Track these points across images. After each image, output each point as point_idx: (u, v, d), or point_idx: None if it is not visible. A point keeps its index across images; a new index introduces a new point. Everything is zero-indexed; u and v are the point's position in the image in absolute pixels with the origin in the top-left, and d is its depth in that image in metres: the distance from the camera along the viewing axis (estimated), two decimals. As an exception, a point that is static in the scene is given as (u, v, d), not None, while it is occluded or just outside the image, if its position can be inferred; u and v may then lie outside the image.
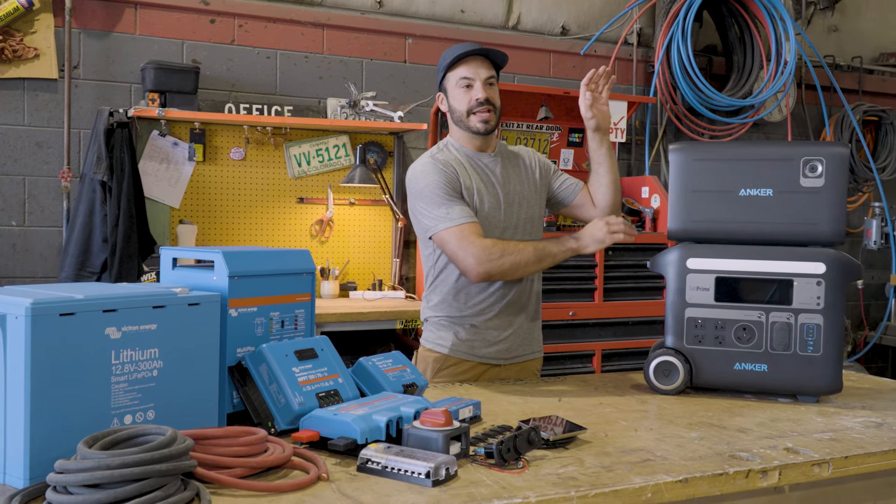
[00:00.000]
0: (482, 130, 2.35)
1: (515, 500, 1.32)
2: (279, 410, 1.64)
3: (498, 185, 2.39)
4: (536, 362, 2.56)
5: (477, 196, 2.33)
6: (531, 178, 2.48)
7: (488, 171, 2.40)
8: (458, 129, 2.40)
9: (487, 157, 2.41)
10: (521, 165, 2.48)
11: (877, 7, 5.76)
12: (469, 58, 2.34)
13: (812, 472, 1.59)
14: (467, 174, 2.36)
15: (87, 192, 3.41)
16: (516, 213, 2.40)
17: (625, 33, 4.77)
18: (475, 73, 2.33)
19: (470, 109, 2.34)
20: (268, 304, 1.78)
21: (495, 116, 2.37)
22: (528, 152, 2.54)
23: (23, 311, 1.29)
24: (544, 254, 2.26)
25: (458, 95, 2.35)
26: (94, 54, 3.59)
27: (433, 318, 2.45)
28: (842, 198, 2.08)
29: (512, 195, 2.40)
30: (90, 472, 1.17)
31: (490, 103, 2.34)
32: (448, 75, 2.37)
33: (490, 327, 2.39)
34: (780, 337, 2.09)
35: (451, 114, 2.41)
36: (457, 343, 2.39)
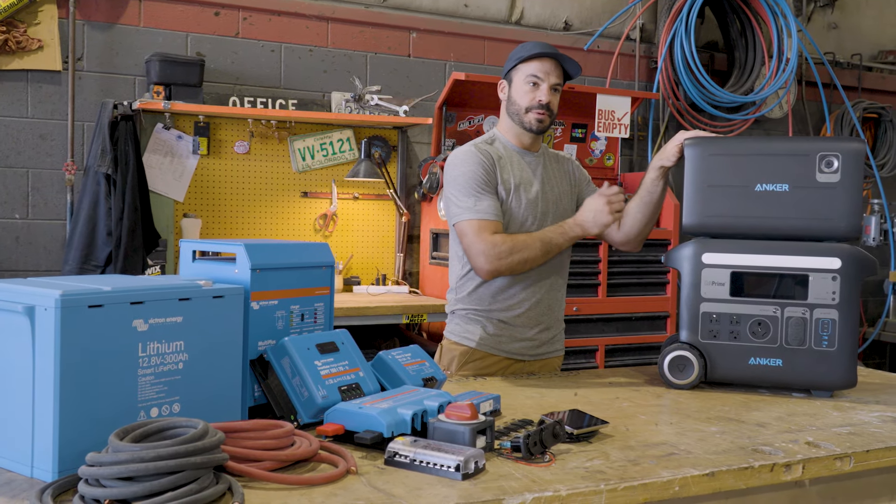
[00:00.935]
0: (535, 129, 2.39)
1: (547, 494, 1.32)
2: (302, 404, 1.63)
3: (539, 182, 2.42)
4: (558, 359, 2.59)
5: (514, 192, 2.36)
6: (569, 180, 2.54)
7: (531, 168, 2.43)
8: (510, 121, 2.43)
9: (531, 156, 2.45)
10: (562, 168, 2.54)
11: (876, 5, 5.78)
12: (545, 58, 2.36)
13: (835, 465, 1.60)
14: (509, 169, 2.38)
15: (92, 184, 3.38)
16: (553, 211, 2.43)
17: (627, 29, 4.77)
18: (546, 75, 2.36)
19: (530, 107, 2.36)
20: (288, 297, 1.77)
21: (549, 120, 2.40)
22: (569, 159, 2.61)
23: (52, 302, 1.28)
24: (551, 246, 2.31)
25: (522, 89, 2.38)
26: (97, 46, 3.56)
27: (461, 311, 2.46)
28: (857, 193, 2.09)
29: (550, 194, 2.44)
30: (124, 464, 1.16)
31: (549, 109, 2.38)
32: (519, 66, 2.39)
33: (519, 324, 2.40)
34: (795, 332, 2.10)
35: (508, 104, 2.43)
36: (485, 337, 2.40)
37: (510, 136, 2.44)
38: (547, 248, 2.30)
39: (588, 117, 4.40)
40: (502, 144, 2.44)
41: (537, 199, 2.40)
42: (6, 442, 1.35)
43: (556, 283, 2.47)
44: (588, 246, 3.99)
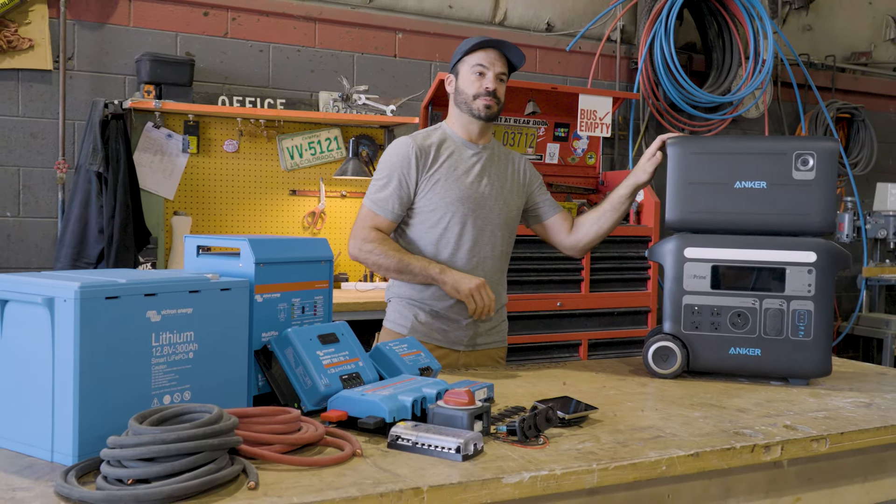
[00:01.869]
0: (483, 116, 2.44)
1: (542, 472, 1.40)
2: (305, 392, 1.70)
3: (476, 175, 2.47)
4: (499, 351, 2.62)
5: (444, 183, 2.42)
6: (515, 179, 2.57)
7: (470, 161, 2.47)
8: (459, 111, 2.48)
9: (475, 148, 2.49)
10: (510, 166, 2.57)
11: (849, 8, 5.92)
12: (489, 48, 2.44)
13: (811, 447, 1.69)
14: (445, 158, 2.44)
15: (83, 183, 3.42)
16: (490, 205, 2.47)
17: (608, 31, 4.87)
18: (491, 64, 2.43)
19: (477, 94, 2.43)
20: (290, 290, 1.84)
21: (497, 108, 2.47)
22: (521, 158, 2.65)
23: (72, 294, 1.34)
24: (405, 269, 2.40)
25: (469, 79, 2.44)
26: (88, 46, 3.60)
27: (395, 299, 2.53)
28: (832, 190, 2.19)
29: (488, 188, 2.48)
30: (146, 446, 1.22)
31: (496, 96, 2.44)
32: (465, 58, 2.46)
33: (451, 314, 2.46)
34: (773, 323, 2.19)
35: (456, 95, 2.49)
36: (416, 325, 2.46)
37: (457, 128, 2.50)
38: (402, 269, 2.40)
39: (570, 117, 4.49)
40: (447, 135, 2.49)
41: (466, 195, 2.44)
42: (26, 428, 1.40)
43: (491, 275, 2.50)
44: (571, 243, 4.07)
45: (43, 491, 1.23)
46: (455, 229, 2.43)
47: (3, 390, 1.44)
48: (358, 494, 1.25)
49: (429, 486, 1.30)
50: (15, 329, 1.42)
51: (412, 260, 2.40)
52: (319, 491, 1.25)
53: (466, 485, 1.33)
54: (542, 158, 4.54)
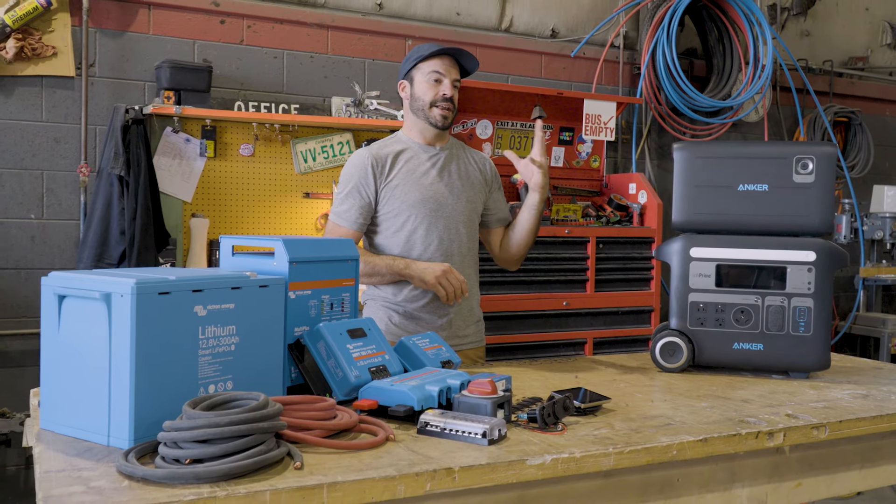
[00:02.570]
0: (440, 124, 2.51)
1: (563, 455, 1.50)
2: (337, 383, 1.81)
3: (435, 176, 2.54)
4: (477, 351, 2.69)
5: (403, 187, 2.50)
6: (476, 177, 2.64)
7: (428, 164, 2.55)
8: (414, 118, 2.55)
9: (432, 151, 2.57)
10: (471, 165, 2.65)
11: (846, 13, 6.04)
12: (444, 56, 2.51)
13: (811, 433, 1.80)
14: (400, 166, 2.51)
15: (105, 186, 3.52)
16: (453, 203, 2.55)
17: (612, 37, 4.98)
18: (448, 71, 2.50)
19: (434, 102, 2.49)
20: (320, 287, 1.95)
21: (453, 115, 2.54)
22: (482, 157, 2.71)
23: (128, 290, 1.44)
24: (373, 272, 2.49)
25: (425, 86, 2.50)
26: (109, 53, 3.71)
27: (370, 301, 2.61)
28: (830, 192, 2.30)
29: (449, 187, 2.55)
30: (202, 429, 1.33)
31: (452, 103, 2.52)
32: (420, 65, 2.52)
33: (424, 314, 2.53)
34: (775, 319, 2.30)
35: (412, 102, 2.55)
36: (391, 327, 2.53)
37: (413, 134, 2.58)
38: (370, 272, 2.48)
39: (575, 121, 4.60)
40: (403, 142, 2.57)
41: (427, 196, 2.51)
42: (83, 415, 1.50)
43: (463, 271, 2.56)
44: (576, 243, 4.19)
45: (106, 470, 1.34)
46: (420, 231, 2.51)
47: (61, 380, 1.54)
48: (395, 474, 1.36)
49: (459, 466, 1.41)
50: (72, 323, 1.53)
51: (377, 261, 2.48)
52: (360, 471, 1.36)
53: (493, 466, 1.44)
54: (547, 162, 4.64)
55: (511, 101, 4.37)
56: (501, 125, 4.48)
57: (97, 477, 1.30)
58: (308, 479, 1.31)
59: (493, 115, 4.42)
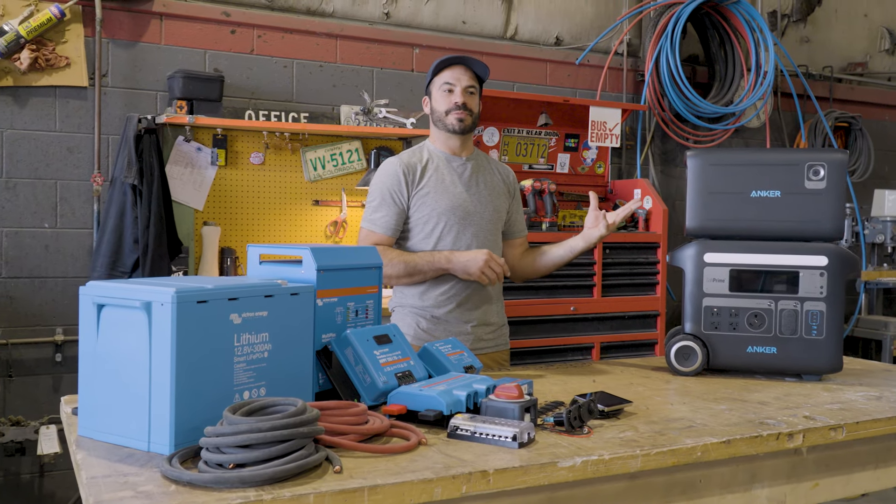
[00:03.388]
0: (457, 129, 2.58)
1: (593, 458, 1.54)
2: (365, 389, 1.84)
3: (464, 185, 2.61)
4: (502, 354, 2.74)
5: (434, 195, 2.55)
6: (501, 188, 2.71)
7: (456, 173, 2.61)
8: (437, 129, 2.63)
9: (458, 160, 2.64)
10: (495, 175, 2.72)
11: (845, 20, 6.11)
12: (454, 66, 2.59)
13: (829, 435, 1.85)
14: (432, 173, 2.58)
15: (118, 195, 3.56)
16: (480, 211, 2.61)
17: (616, 45, 5.03)
18: (457, 79, 2.57)
19: (448, 110, 2.57)
20: (345, 294, 1.99)
21: (471, 119, 2.60)
22: (506, 169, 2.78)
23: (168, 298, 1.47)
24: (414, 271, 2.52)
25: (440, 98, 2.59)
26: (121, 63, 3.74)
27: (398, 308, 2.65)
28: (841, 198, 2.35)
29: (476, 197, 2.62)
30: (245, 434, 1.36)
31: (467, 108, 2.58)
32: (434, 80, 2.62)
33: (451, 319, 2.58)
34: (788, 322, 2.35)
35: (432, 115, 2.64)
36: (419, 332, 2.57)
37: (439, 144, 2.65)
38: (411, 271, 2.51)
39: (580, 128, 4.65)
40: (430, 151, 2.64)
41: (456, 203, 2.57)
42: (122, 422, 1.53)
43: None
44: (584, 249, 4.22)
45: (151, 476, 1.37)
46: (449, 237, 2.56)
47: (100, 387, 1.58)
48: (433, 476, 1.40)
49: (494, 469, 1.45)
50: (111, 331, 1.56)
51: (417, 259, 2.51)
52: (398, 474, 1.40)
53: (527, 468, 1.48)
54: (553, 168, 4.70)
55: (517, 108, 4.42)
56: (508, 132, 4.53)
57: (143, 482, 1.33)
58: (349, 482, 1.35)
59: (500, 123, 4.47)
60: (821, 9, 5.93)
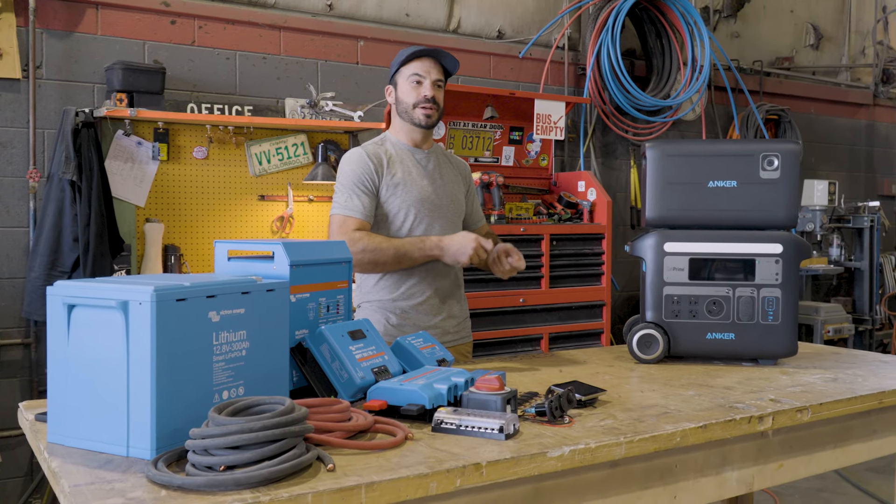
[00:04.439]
0: (424, 124, 2.56)
1: (580, 446, 1.55)
2: (342, 385, 1.81)
3: (428, 177, 2.59)
4: (466, 346, 2.75)
5: (400, 187, 2.53)
6: (459, 181, 2.72)
7: (420, 165, 2.60)
8: (401, 121, 2.59)
9: (421, 153, 2.62)
10: (453, 168, 2.72)
11: (773, 16, 6.31)
12: (424, 57, 2.55)
13: (796, 416, 1.91)
14: (398, 166, 2.55)
15: (56, 191, 3.41)
16: (446, 203, 2.61)
17: (558, 39, 5.08)
18: (427, 72, 2.54)
19: (416, 103, 2.54)
20: (317, 290, 1.95)
21: (437, 114, 2.58)
22: (462, 163, 2.79)
23: (147, 297, 1.42)
24: (404, 257, 2.46)
25: (407, 89, 2.55)
26: (56, 54, 3.59)
27: (365, 304, 2.61)
28: (795, 187, 2.42)
29: (441, 190, 2.62)
30: (235, 434, 1.32)
31: (435, 102, 2.56)
32: (401, 69, 2.57)
33: (422, 312, 2.57)
34: (745, 309, 2.41)
35: (397, 105, 2.59)
36: (388, 328, 2.55)
37: (401, 136, 2.62)
38: (400, 257, 2.45)
39: (524, 121, 4.68)
40: (392, 144, 2.61)
41: (425, 196, 2.56)
42: (98, 427, 1.47)
43: (458, 271, 2.64)
44: (531, 241, 4.27)
45: (137, 481, 1.31)
46: (420, 229, 2.55)
47: (71, 391, 1.50)
48: (428, 471, 1.38)
49: (486, 461, 1.44)
50: (83, 332, 1.49)
51: (406, 245, 2.46)
52: (392, 470, 1.38)
53: (518, 459, 1.48)
54: (498, 161, 4.72)
55: (463, 101, 4.42)
56: (454, 125, 4.52)
57: (131, 488, 1.28)
58: (345, 480, 1.32)
59: (445, 116, 4.46)
60: (750, 5, 6.11)
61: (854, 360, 2.53)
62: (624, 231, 5.42)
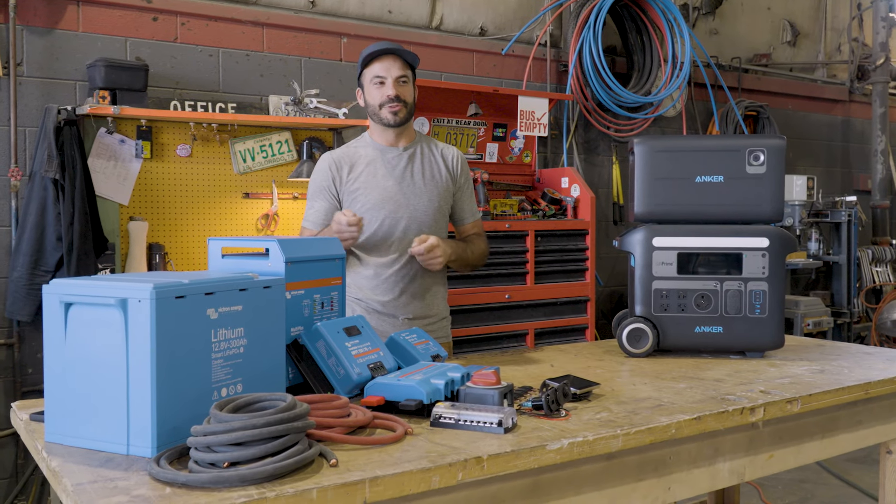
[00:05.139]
0: (392, 123, 2.55)
1: (578, 439, 1.57)
2: (339, 381, 1.82)
3: (396, 177, 2.58)
4: (445, 346, 2.71)
5: (363, 190, 2.55)
6: (442, 174, 2.66)
7: (390, 165, 2.59)
8: (373, 122, 2.61)
9: (394, 152, 2.61)
10: (437, 162, 2.67)
11: (750, 13, 6.38)
12: (383, 56, 2.53)
13: (787, 407, 1.94)
14: (361, 170, 2.57)
15: (38, 190, 3.38)
16: (414, 203, 2.58)
17: (540, 36, 5.10)
18: (387, 71, 2.52)
19: (382, 103, 2.54)
20: (312, 286, 1.95)
21: (406, 111, 2.56)
22: (453, 153, 2.73)
23: (147, 294, 1.41)
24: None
25: (372, 91, 2.55)
26: (37, 51, 3.54)
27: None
28: (780, 182, 2.46)
29: (411, 187, 2.59)
30: (239, 431, 1.32)
31: (401, 100, 2.54)
32: (364, 72, 2.57)
33: (391, 310, 2.57)
34: (733, 302, 2.44)
35: (367, 108, 2.61)
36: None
37: (376, 136, 2.63)
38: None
39: (507, 117, 4.70)
40: (365, 144, 2.62)
41: (387, 196, 2.55)
42: (97, 425, 1.46)
43: (422, 274, 2.60)
44: (516, 237, 4.28)
45: (140, 479, 1.31)
46: (382, 231, 2.55)
47: (69, 391, 1.50)
48: (430, 465, 1.39)
49: (487, 455, 1.45)
50: (80, 331, 1.48)
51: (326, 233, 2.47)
52: (395, 465, 1.38)
53: (518, 452, 1.49)
54: (482, 158, 4.73)
55: (446, 98, 4.43)
56: (438, 122, 4.53)
57: (134, 486, 1.28)
58: (349, 475, 1.33)
59: (430, 113, 4.46)
60: (728, 2, 6.17)
61: (839, 352, 2.57)
62: (606, 227, 5.46)
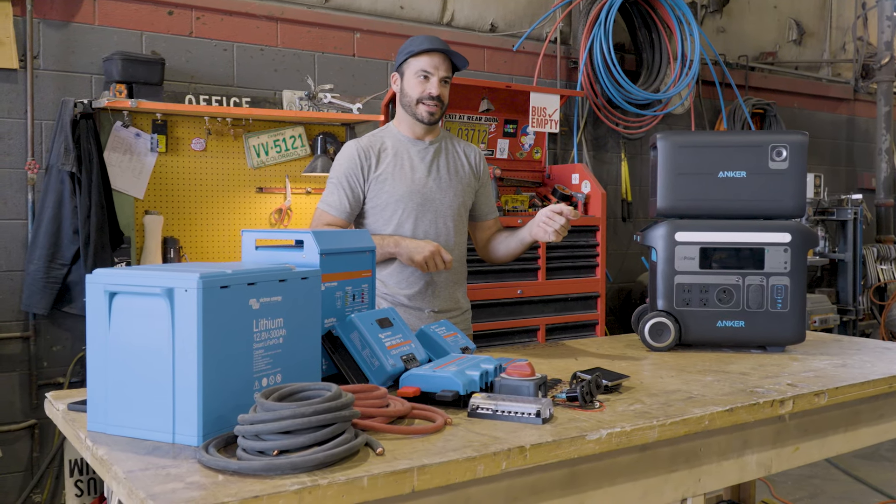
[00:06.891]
0: (426, 121, 2.55)
1: (616, 430, 1.58)
2: (373, 372, 1.83)
3: (424, 170, 2.57)
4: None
5: (391, 181, 2.53)
6: (465, 171, 2.67)
7: (417, 158, 2.58)
8: (404, 112, 2.58)
9: (421, 145, 2.60)
10: (460, 158, 2.67)
11: (757, 11, 6.40)
12: (434, 53, 2.51)
13: (814, 400, 1.95)
14: (392, 159, 2.55)
15: (55, 183, 3.38)
16: (440, 197, 2.58)
17: (551, 32, 5.11)
18: (435, 68, 2.51)
19: (420, 99, 2.52)
20: (344, 279, 1.97)
21: (440, 111, 2.57)
22: (475, 152, 2.74)
23: (193, 284, 1.42)
24: None
25: (413, 83, 2.53)
26: (53, 44, 3.54)
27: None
28: (803, 178, 2.47)
29: (437, 181, 2.59)
30: (287, 420, 1.33)
31: (440, 100, 2.54)
32: (410, 61, 2.53)
33: (415, 304, 2.57)
34: (755, 297, 2.46)
35: (401, 96, 2.58)
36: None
37: (403, 127, 2.61)
38: None
39: (518, 114, 4.71)
40: (392, 135, 2.60)
41: (414, 189, 2.54)
42: (142, 414, 1.47)
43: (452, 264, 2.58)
44: (528, 233, 4.29)
45: (191, 467, 1.32)
46: (408, 224, 2.54)
47: (113, 380, 1.50)
48: (475, 454, 1.40)
49: (530, 444, 1.47)
50: (125, 320, 1.49)
51: None
52: (440, 454, 1.40)
53: (559, 442, 1.51)
54: (493, 153, 4.74)
55: (458, 93, 4.42)
56: (449, 118, 4.53)
57: (186, 473, 1.29)
58: (396, 463, 1.34)
59: (442, 108, 4.47)
60: (735, 0, 6.19)
61: (858, 347, 2.59)
62: (615, 224, 5.47)
